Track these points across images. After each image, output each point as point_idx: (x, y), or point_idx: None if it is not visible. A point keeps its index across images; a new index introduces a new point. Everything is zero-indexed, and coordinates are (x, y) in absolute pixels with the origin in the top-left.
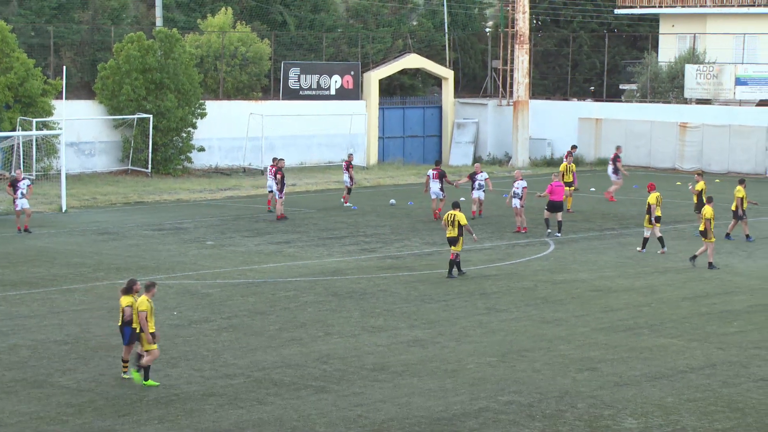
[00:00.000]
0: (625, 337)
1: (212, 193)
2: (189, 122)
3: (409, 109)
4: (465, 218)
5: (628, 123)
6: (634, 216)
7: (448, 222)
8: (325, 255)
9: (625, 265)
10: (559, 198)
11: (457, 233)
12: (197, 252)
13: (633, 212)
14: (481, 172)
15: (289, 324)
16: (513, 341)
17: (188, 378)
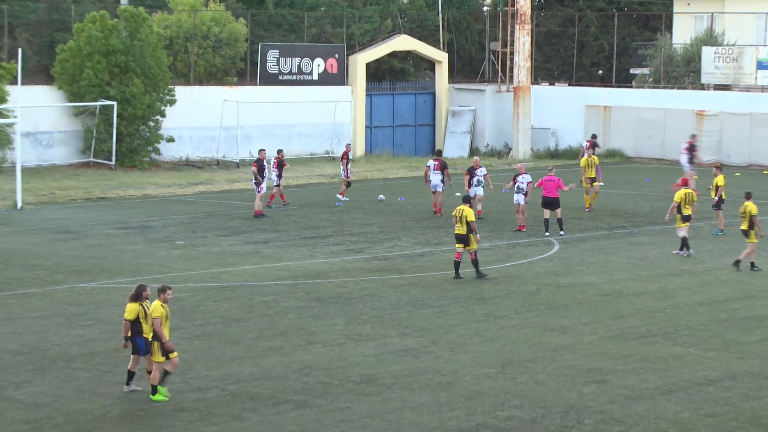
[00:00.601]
0: (637, 345)
1: (182, 188)
2: (157, 110)
3: (399, 95)
4: (473, 215)
5: (640, 111)
6: (646, 213)
7: (457, 218)
8: (307, 256)
9: (636, 266)
10: (552, 194)
11: (465, 230)
12: (166, 253)
13: (645, 209)
14: (480, 167)
15: (268, 332)
16: (514, 351)
17: None
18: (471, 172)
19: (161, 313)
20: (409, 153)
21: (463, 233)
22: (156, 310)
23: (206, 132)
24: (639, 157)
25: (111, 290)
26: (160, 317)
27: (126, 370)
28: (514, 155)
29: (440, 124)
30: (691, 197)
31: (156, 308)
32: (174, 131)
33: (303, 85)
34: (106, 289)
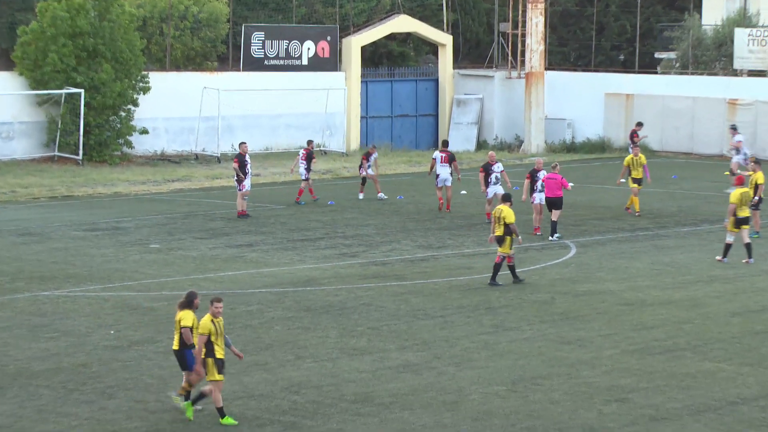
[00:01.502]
0: (663, 360)
1: (157, 186)
2: (129, 98)
3: (398, 82)
4: (513, 215)
5: (666, 99)
6: (672, 213)
7: (495, 218)
8: (296, 261)
9: (662, 273)
10: (555, 193)
11: (503, 232)
12: (139, 257)
13: (671, 209)
14: (496, 162)
15: (252, 345)
16: (525, 366)
17: (128, 412)
18: (486, 168)
19: (209, 330)
20: (410, 146)
21: (501, 234)
22: (204, 325)
23: (184, 123)
24: (665, 151)
25: (78, 299)
26: (207, 334)
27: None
28: (526, 149)
29: (444, 115)
30: (748, 197)
31: (204, 324)
32: (148, 122)
33: (291, 71)
34: (72, 297)
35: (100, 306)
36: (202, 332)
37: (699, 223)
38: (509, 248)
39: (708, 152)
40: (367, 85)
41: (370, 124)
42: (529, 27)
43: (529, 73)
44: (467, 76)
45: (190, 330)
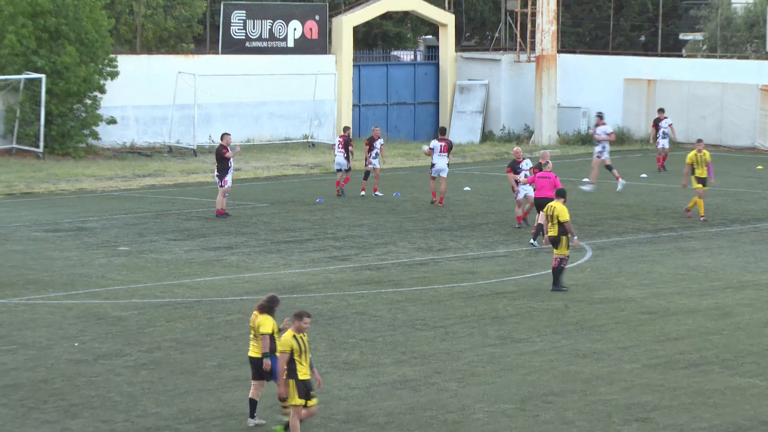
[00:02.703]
0: (688, 376)
1: (126, 181)
2: (95, 84)
3: (394, 67)
4: (567, 213)
5: (692, 86)
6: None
7: (548, 216)
8: (281, 265)
9: (687, 278)
10: (547, 194)
11: (558, 231)
12: (106, 261)
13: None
14: (523, 159)
15: (232, 359)
16: (536, 382)
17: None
18: (514, 167)
19: (292, 347)
20: (407, 137)
21: (554, 235)
22: (285, 342)
23: (156, 112)
24: (690, 143)
25: (38, 307)
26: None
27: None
28: (537, 140)
29: (445, 102)
30: None
31: (286, 340)
32: (116, 111)
33: (275, 54)
34: (32, 306)
35: (62, 315)
36: (283, 350)
37: (728, 223)
38: (566, 249)
39: (738, 144)
40: (360, 69)
41: (364, 113)
42: (539, 5)
43: (540, 57)
44: (471, 59)
45: (270, 337)
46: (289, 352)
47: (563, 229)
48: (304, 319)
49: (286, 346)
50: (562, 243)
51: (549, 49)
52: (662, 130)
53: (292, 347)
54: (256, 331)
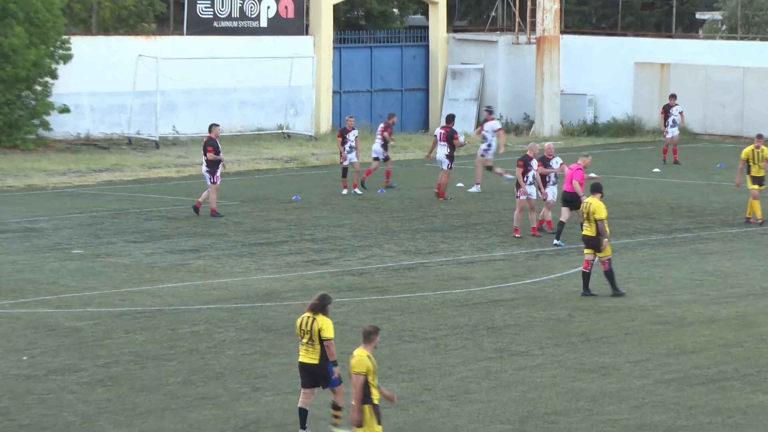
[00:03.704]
0: (706, 392)
1: (81, 177)
2: (46, 69)
3: (379, 48)
4: (603, 210)
5: (709, 70)
6: (718, 211)
7: (584, 214)
8: (253, 270)
9: (704, 284)
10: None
11: (595, 231)
12: (58, 265)
13: (717, 205)
14: (554, 156)
15: (199, 375)
16: (537, 400)
17: None
18: (545, 164)
19: (368, 368)
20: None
21: (591, 235)
22: (361, 362)
23: (114, 99)
24: (708, 134)
25: None
26: (365, 373)
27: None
28: (538, 131)
29: (436, 89)
30: None
31: (361, 361)
32: (69, 98)
33: (247, 35)
34: None
35: (10, 326)
36: (359, 371)
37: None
38: (609, 251)
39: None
40: (341, 52)
41: (345, 100)
42: None
43: (541, 38)
44: (465, 41)
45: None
46: (365, 374)
47: (597, 228)
48: (379, 336)
49: (362, 367)
50: (604, 244)
51: (551, 30)
52: (672, 117)
53: (368, 368)
54: (314, 335)
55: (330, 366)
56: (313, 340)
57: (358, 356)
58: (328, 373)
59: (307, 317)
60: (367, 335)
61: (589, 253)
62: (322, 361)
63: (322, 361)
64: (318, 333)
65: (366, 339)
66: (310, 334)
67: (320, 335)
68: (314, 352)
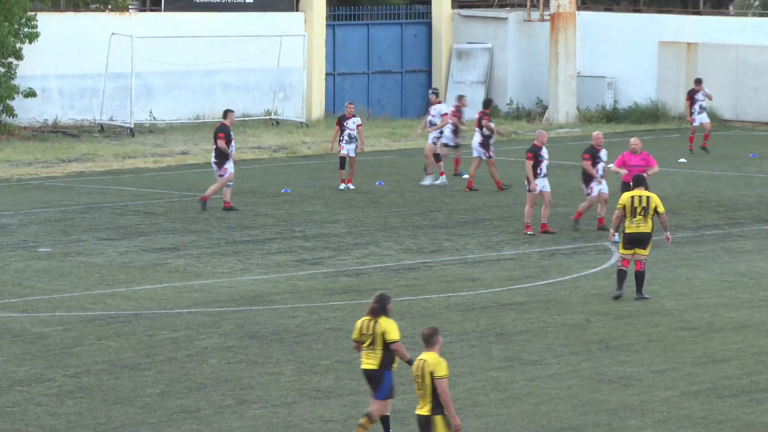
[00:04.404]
0: (737, 405)
1: (48, 167)
2: (9, 48)
3: (377, 26)
4: (661, 203)
5: (740, 50)
6: (750, 205)
7: (639, 208)
8: (239, 270)
9: (736, 286)
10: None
11: (651, 227)
12: (23, 265)
13: (749, 199)
14: (602, 148)
15: (178, 385)
16: (551, 413)
17: None
18: (593, 155)
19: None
20: (393, 114)
21: (647, 231)
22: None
23: (85, 82)
24: (739, 120)
25: None
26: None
27: None
28: (552, 117)
29: (439, 71)
30: None
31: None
32: (36, 81)
33: (231, 11)
34: None
35: None
36: (443, 375)
37: None
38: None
39: None
40: (335, 30)
41: (339, 83)
42: None
43: (556, 14)
44: (471, 17)
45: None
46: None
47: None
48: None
49: (445, 370)
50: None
51: (567, 6)
52: (699, 103)
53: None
54: (377, 339)
55: (387, 374)
56: (375, 345)
57: (435, 360)
58: (383, 380)
59: (367, 321)
60: (428, 338)
61: (628, 253)
62: (381, 368)
63: (381, 367)
64: (381, 336)
65: (429, 342)
66: (373, 338)
67: (384, 339)
68: (374, 357)
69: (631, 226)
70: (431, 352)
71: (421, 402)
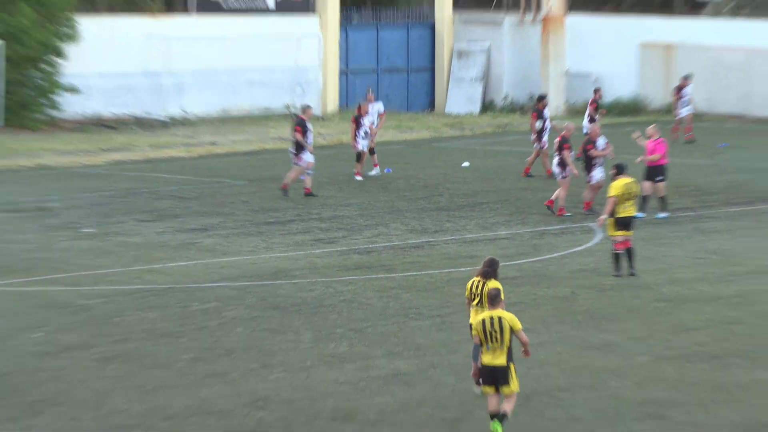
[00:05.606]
0: (707, 370)
1: (91, 156)
2: (54, 49)
3: (386, 29)
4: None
5: (715, 51)
6: (721, 189)
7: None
8: (262, 248)
9: (707, 262)
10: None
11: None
12: (69, 244)
13: (719, 184)
14: (600, 135)
15: (209, 352)
16: (541, 377)
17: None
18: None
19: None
20: (400, 108)
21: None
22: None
23: (122, 80)
24: (713, 113)
25: None
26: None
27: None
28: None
29: (442, 69)
30: None
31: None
32: (78, 78)
33: (254, 15)
34: None
35: (23, 303)
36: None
37: (752, 202)
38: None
39: (766, 114)
40: (348, 32)
41: (352, 80)
42: None
43: (547, 18)
44: (470, 21)
45: None
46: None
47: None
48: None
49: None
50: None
51: (557, 10)
52: (686, 97)
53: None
54: (484, 297)
55: None
56: (482, 303)
57: (510, 316)
58: None
59: (477, 281)
60: (494, 298)
61: (621, 235)
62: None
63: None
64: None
65: (494, 301)
66: (480, 297)
67: None
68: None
69: (625, 211)
70: (500, 310)
71: (497, 353)
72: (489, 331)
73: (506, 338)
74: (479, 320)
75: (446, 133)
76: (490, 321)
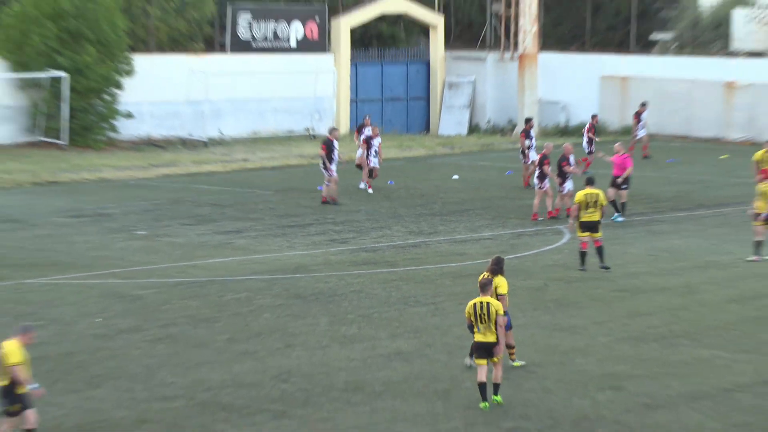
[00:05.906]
0: (658, 348)
1: (143, 171)
2: (113, 81)
3: (388, 65)
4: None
5: (662, 82)
6: (669, 198)
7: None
8: (285, 247)
9: (657, 259)
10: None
11: (600, 216)
12: (125, 244)
13: (667, 193)
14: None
15: (241, 334)
16: (518, 354)
17: (116, 401)
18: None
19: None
20: (400, 130)
21: (597, 219)
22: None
23: (169, 107)
24: (662, 134)
25: (62, 287)
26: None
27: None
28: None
29: (435, 98)
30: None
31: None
32: (132, 106)
33: (279, 53)
34: (56, 285)
35: (85, 294)
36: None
37: (695, 208)
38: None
39: (705, 135)
40: (357, 67)
41: (360, 107)
42: (522, 7)
43: (523, 55)
44: (459, 58)
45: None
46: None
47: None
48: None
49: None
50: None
51: (531, 48)
52: (644, 121)
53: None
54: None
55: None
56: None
57: (497, 303)
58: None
59: (486, 275)
60: (485, 286)
61: (587, 236)
62: None
63: None
64: (494, 289)
65: (485, 289)
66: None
67: (496, 291)
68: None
69: (587, 215)
70: (488, 297)
71: (486, 333)
72: (479, 314)
73: (493, 320)
74: (471, 305)
75: (439, 151)
76: (480, 306)
